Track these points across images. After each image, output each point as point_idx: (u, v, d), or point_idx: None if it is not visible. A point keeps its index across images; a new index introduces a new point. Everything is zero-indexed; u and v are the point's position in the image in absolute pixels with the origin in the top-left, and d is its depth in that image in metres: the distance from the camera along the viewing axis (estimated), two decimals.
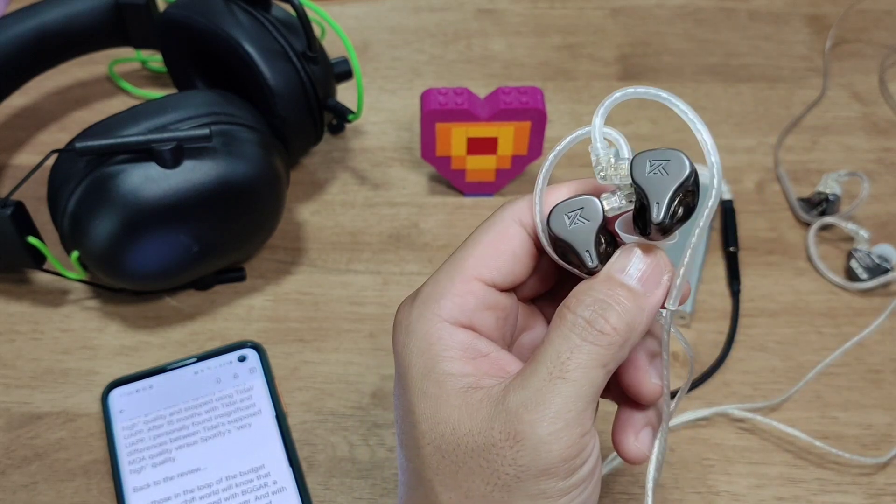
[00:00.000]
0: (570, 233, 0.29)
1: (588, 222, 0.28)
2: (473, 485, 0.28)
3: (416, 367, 0.29)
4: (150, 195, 0.44)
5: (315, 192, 0.58)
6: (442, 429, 0.28)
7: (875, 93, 0.65)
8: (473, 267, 0.30)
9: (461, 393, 0.28)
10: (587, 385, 0.27)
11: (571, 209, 0.29)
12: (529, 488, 0.27)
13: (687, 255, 0.28)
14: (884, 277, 0.51)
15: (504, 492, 0.27)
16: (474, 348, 0.29)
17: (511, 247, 0.30)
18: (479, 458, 0.28)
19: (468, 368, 0.29)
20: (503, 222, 0.30)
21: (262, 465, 0.44)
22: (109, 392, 0.47)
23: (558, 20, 0.71)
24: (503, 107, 0.52)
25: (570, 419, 0.27)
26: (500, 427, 0.27)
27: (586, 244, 0.28)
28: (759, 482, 0.44)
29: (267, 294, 0.52)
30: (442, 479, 0.29)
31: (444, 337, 0.29)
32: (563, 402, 0.27)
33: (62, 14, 0.57)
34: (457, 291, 0.30)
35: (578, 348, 0.27)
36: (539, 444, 0.27)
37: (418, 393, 0.29)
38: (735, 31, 0.70)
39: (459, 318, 0.30)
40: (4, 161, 0.60)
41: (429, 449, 0.29)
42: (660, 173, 0.27)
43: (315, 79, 0.51)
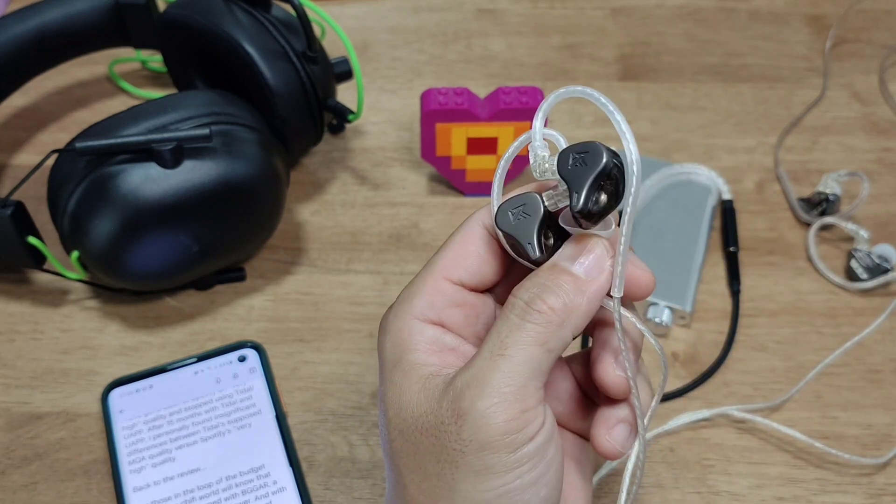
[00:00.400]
0: (514, 227, 0.30)
1: (529, 217, 0.30)
2: (429, 464, 0.30)
3: (388, 361, 0.32)
4: (150, 195, 0.44)
5: (315, 192, 0.58)
6: (405, 413, 0.30)
7: (875, 93, 0.65)
8: (442, 268, 0.32)
9: (422, 379, 0.30)
10: (525, 361, 0.29)
11: (515, 206, 0.30)
12: (474, 463, 0.29)
13: (621, 241, 0.30)
14: (884, 277, 0.51)
15: (453, 468, 0.29)
16: (441, 342, 0.32)
17: (476, 248, 0.32)
18: (431, 437, 0.29)
19: (433, 359, 0.31)
20: (469, 226, 0.33)
21: (262, 465, 0.44)
22: (109, 392, 0.47)
23: (558, 20, 0.71)
24: (503, 107, 0.52)
25: (507, 394, 0.28)
26: (447, 405, 0.29)
27: (528, 237, 0.30)
28: (759, 482, 0.44)
29: (267, 294, 0.52)
30: (406, 462, 0.30)
31: (413, 332, 0.31)
32: (501, 378, 0.28)
33: (62, 14, 0.57)
34: (427, 291, 0.32)
35: (517, 327, 0.29)
36: (479, 418, 0.28)
37: (388, 383, 0.31)
38: (735, 31, 0.70)
39: (429, 315, 0.32)
40: (4, 161, 0.60)
41: (395, 433, 0.31)
42: (580, 164, 0.29)
43: (315, 79, 0.51)
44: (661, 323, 0.49)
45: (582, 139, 0.31)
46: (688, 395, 0.48)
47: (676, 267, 0.51)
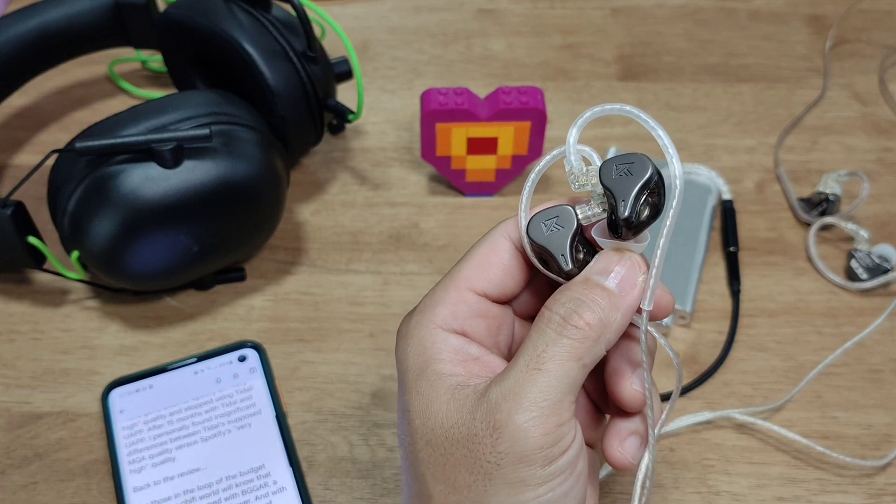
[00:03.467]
0: (547, 239, 0.31)
1: (563, 229, 0.30)
2: (459, 475, 0.29)
3: (412, 369, 0.31)
4: (150, 195, 0.44)
5: (315, 192, 0.58)
6: (432, 423, 0.30)
7: (875, 93, 0.65)
8: (466, 278, 0.32)
9: (450, 390, 0.30)
10: (562, 376, 0.29)
11: (548, 217, 0.31)
12: (509, 476, 0.29)
13: (657, 255, 0.30)
14: (884, 277, 0.51)
15: (486, 480, 0.29)
16: (465, 352, 0.32)
17: (500, 259, 0.32)
18: (463, 449, 0.29)
19: (458, 369, 0.31)
20: (494, 237, 0.33)
21: (262, 465, 0.44)
22: (109, 392, 0.47)
23: (558, 20, 0.71)
24: (503, 107, 0.52)
25: (545, 408, 0.28)
26: (481, 417, 0.29)
27: (561, 248, 0.30)
28: (760, 482, 0.44)
29: (267, 294, 0.52)
30: (433, 472, 0.30)
31: (437, 341, 0.31)
32: (538, 392, 0.29)
33: (62, 14, 0.57)
34: (450, 300, 0.32)
35: (554, 342, 0.29)
36: (516, 432, 0.28)
37: (413, 392, 0.31)
38: (735, 31, 0.70)
39: (452, 325, 0.32)
40: (4, 161, 0.60)
41: (421, 443, 0.31)
42: (625, 175, 0.29)
43: (315, 79, 0.51)
44: (662, 323, 0.49)
45: (582, 139, 0.32)
46: (688, 395, 0.48)
47: (677, 267, 0.51)
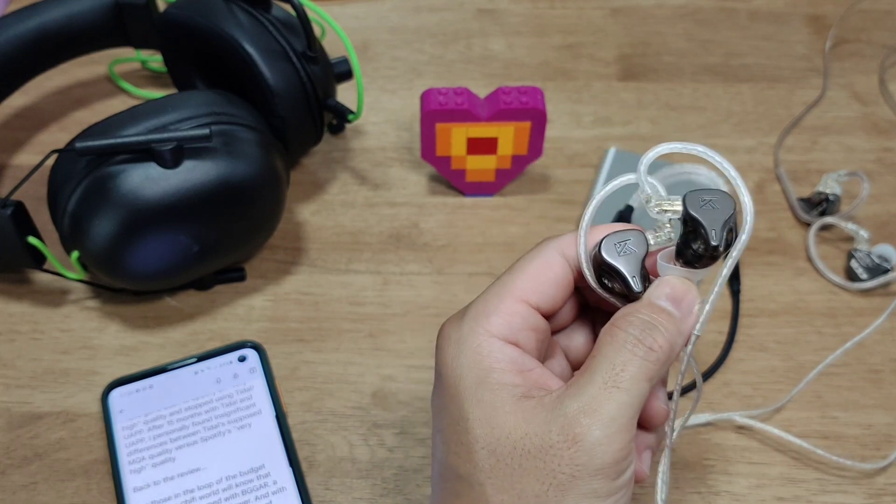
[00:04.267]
0: (619, 260, 0.31)
1: (636, 251, 0.32)
2: (528, 485, 0.30)
3: (469, 378, 0.31)
4: (150, 195, 0.44)
5: (315, 192, 0.58)
6: (497, 433, 0.30)
7: (875, 93, 0.65)
8: (521, 290, 0.33)
9: (515, 400, 0.31)
10: (637, 395, 0.30)
11: (620, 239, 0.32)
12: (583, 487, 0.29)
13: (718, 285, 0.32)
14: (884, 277, 0.51)
15: (559, 491, 0.30)
16: (521, 363, 0.32)
17: (554, 275, 0.33)
18: (535, 460, 0.30)
19: (518, 380, 0.31)
20: (548, 253, 0.33)
21: (262, 465, 0.44)
22: (109, 392, 0.47)
23: (558, 20, 0.71)
24: (503, 107, 0.52)
25: (622, 424, 0.30)
26: (558, 430, 0.30)
27: (633, 271, 0.31)
28: (760, 482, 0.44)
29: (267, 294, 0.52)
30: (495, 482, 0.30)
31: (494, 350, 0.32)
32: (617, 409, 0.30)
33: (62, 14, 0.57)
34: (505, 310, 0.32)
35: (630, 362, 0.30)
36: (595, 446, 0.29)
37: (472, 400, 0.31)
38: (735, 31, 0.70)
39: (507, 335, 0.32)
40: (4, 161, 0.60)
41: (483, 453, 0.31)
42: (711, 207, 0.30)
43: (315, 79, 0.51)
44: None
45: (582, 139, 0.32)
46: (688, 395, 0.47)
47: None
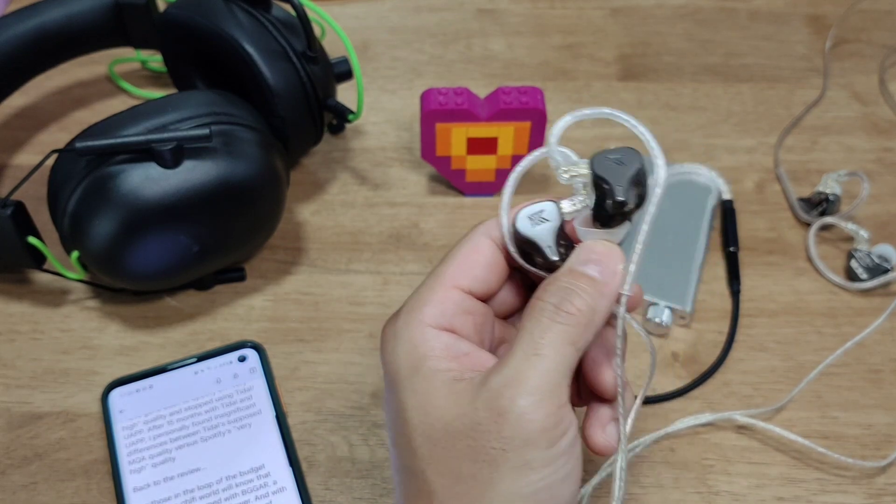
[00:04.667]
0: (533, 231, 0.32)
1: (548, 222, 0.32)
2: (464, 466, 0.30)
3: (404, 368, 0.32)
4: (150, 195, 0.44)
5: (315, 192, 0.58)
6: (431, 419, 0.31)
7: (875, 93, 0.65)
8: (451, 277, 0.33)
9: (447, 384, 0.31)
10: (560, 360, 0.30)
11: (533, 212, 0.32)
12: (514, 460, 0.29)
13: (639, 242, 0.31)
14: (884, 277, 0.51)
15: (492, 468, 0.30)
16: (456, 348, 0.32)
17: (483, 258, 0.34)
18: (466, 439, 0.30)
19: (453, 364, 0.32)
20: (475, 237, 0.34)
21: (262, 465, 0.44)
22: (109, 392, 0.47)
23: (558, 20, 0.71)
24: (503, 107, 0.52)
25: (546, 391, 0.30)
26: (483, 406, 0.30)
27: (547, 241, 0.32)
28: (760, 482, 0.44)
29: (267, 294, 0.52)
30: (434, 467, 0.31)
31: (428, 339, 0.32)
32: (539, 376, 0.30)
33: (62, 14, 0.57)
34: (437, 299, 0.33)
35: (549, 328, 0.30)
36: (521, 416, 0.29)
37: (408, 391, 0.32)
38: (735, 31, 0.70)
39: (441, 322, 0.33)
40: (4, 161, 0.60)
41: (420, 440, 0.31)
42: (617, 164, 0.31)
43: (315, 79, 0.51)
44: (661, 323, 0.49)
45: (582, 139, 0.32)
46: (688, 395, 0.48)
47: (676, 267, 0.51)
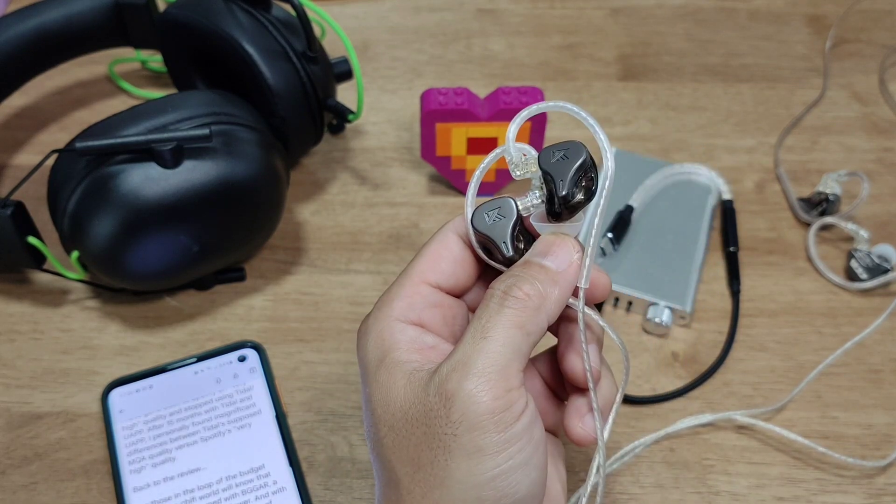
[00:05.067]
0: (489, 228, 0.33)
1: (504, 218, 0.33)
2: (422, 454, 0.30)
3: (372, 362, 0.33)
4: (150, 195, 0.44)
5: (315, 192, 0.58)
6: (393, 408, 0.31)
7: (875, 93, 0.65)
8: (419, 272, 0.34)
9: (406, 374, 0.32)
10: (506, 342, 0.30)
11: (490, 208, 0.33)
12: (466, 445, 0.29)
13: (592, 234, 0.32)
14: (884, 277, 0.51)
15: (446, 454, 0.30)
16: (421, 341, 0.33)
17: (450, 253, 0.34)
18: (422, 427, 0.30)
19: (416, 356, 0.32)
20: (443, 233, 0.35)
21: (262, 465, 0.44)
22: (109, 392, 0.47)
23: (558, 20, 0.71)
24: (503, 107, 0.52)
25: (492, 373, 0.30)
26: (434, 391, 0.30)
27: (503, 237, 0.33)
28: (760, 482, 0.44)
29: (267, 294, 0.52)
30: (398, 456, 0.31)
31: (395, 332, 0.33)
32: (485, 359, 0.30)
33: (62, 14, 0.57)
34: (406, 294, 0.34)
35: (497, 312, 0.31)
36: (466, 399, 0.29)
37: (374, 383, 0.32)
38: (735, 31, 0.70)
39: (409, 316, 0.33)
40: (4, 161, 0.60)
41: (384, 430, 0.32)
42: (562, 159, 0.32)
43: (315, 79, 0.51)
44: (661, 323, 0.49)
45: (582, 139, 0.33)
46: (688, 395, 0.48)
47: (676, 267, 0.51)
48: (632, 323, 0.51)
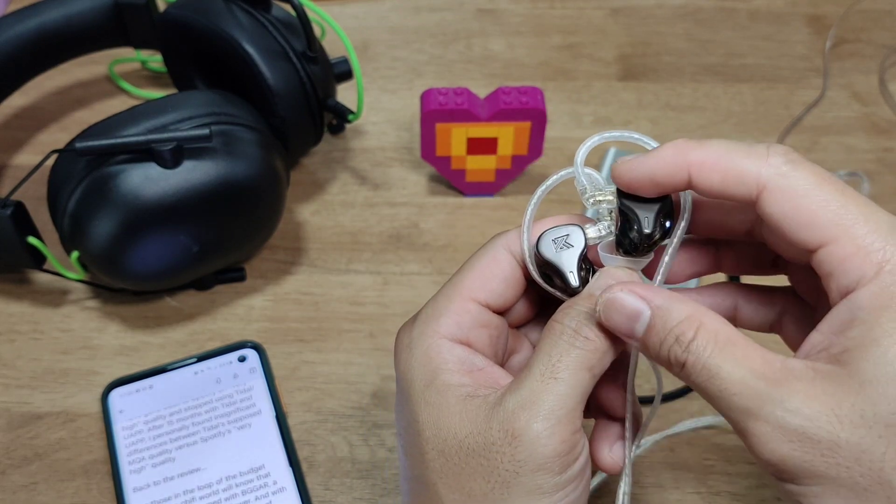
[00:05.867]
0: (557, 256, 0.32)
1: (573, 247, 0.32)
2: (475, 484, 0.30)
3: (419, 380, 0.32)
4: (150, 195, 0.44)
5: (315, 192, 0.58)
6: (444, 434, 0.31)
7: (875, 93, 0.65)
8: (469, 289, 0.33)
9: (460, 400, 0.31)
10: (576, 385, 0.30)
11: (558, 235, 0.32)
12: (526, 483, 0.29)
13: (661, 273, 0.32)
14: None
15: (503, 488, 0.29)
16: (471, 362, 0.32)
17: (502, 271, 0.33)
18: (479, 458, 0.30)
19: (466, 379, 0.31)
20: (495, 250, 0.33)
21: (262, 465, 0.44)
22: (109, 392, 0.47)
23: (558, 20, 0.71)
24: (503, 107, 0.52)
25: (561, 416, 0.29)
26: (498, 427, 0.29)
27: (570, 266, 0.32)
28: (760, 482, 0.44)
29: (267, 294, 0.52)
30: (445, 482, 0.31)
31: (443, 352, 0.32)
32: (555, 400, 0.29)
33: (62, 14, 0.57)
34: (454, 310, 0.32)
35: (567, 353, 0.30)
36: (535, 440, 0.29)
37: (421, 403, 0.31)
38: (735, 31, 0.70)
39: (457, 335, 0.32)
40: (4, 161, 0.60)
41: (432, 454, 0.31)
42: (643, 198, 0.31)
43: (315, 79, 0.51)
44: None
45: (582, 139, 0.33)
46: (688, 395, 0.47)
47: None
48: None
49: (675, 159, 0.29)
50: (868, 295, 0.26)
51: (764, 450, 0.27)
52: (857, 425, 0.25)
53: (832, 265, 0.27)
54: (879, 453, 0.25)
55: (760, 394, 0.27)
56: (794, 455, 0.26)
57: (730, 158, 0.28)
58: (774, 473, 0.27)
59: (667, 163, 0.29)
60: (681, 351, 0.28)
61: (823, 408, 0.26)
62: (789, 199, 0.28)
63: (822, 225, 0.27)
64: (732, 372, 0.27)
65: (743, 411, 0.27)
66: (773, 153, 0.28)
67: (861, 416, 0.25)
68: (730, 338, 0.28)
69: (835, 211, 0.27)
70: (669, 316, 0.29)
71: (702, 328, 0.28)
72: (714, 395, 0.28)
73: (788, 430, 0.26)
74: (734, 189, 0.28)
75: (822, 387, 0.26)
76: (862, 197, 0.28)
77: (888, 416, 0.25)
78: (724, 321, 0.28)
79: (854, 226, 0.27)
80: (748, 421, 0.27)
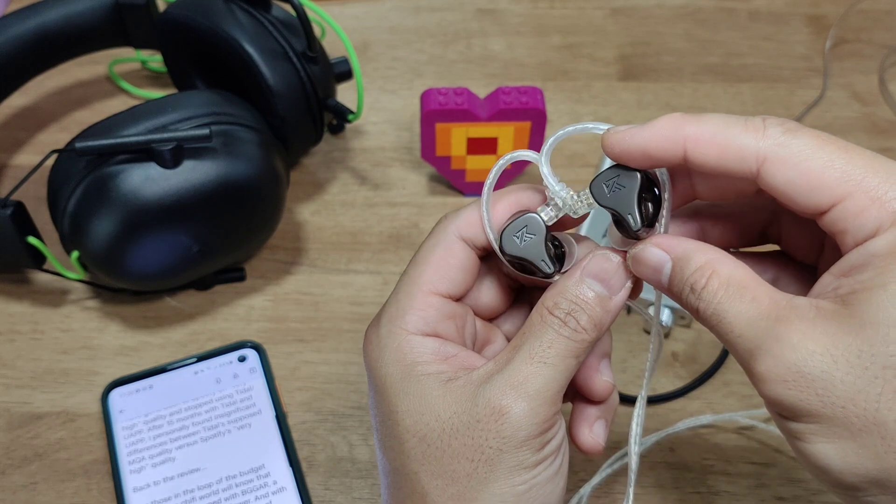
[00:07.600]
0: (523, 250, 0.32)
1: (535, 236, 0.32)
2: (459, 465, 0.30)
3: (394, 374, 0.32)
4: (150, 195, 0.44)
5: (315, 192, 0.58)
6: (426, 418, 0.31)
7: (875, 93, 0.65)
8: (429, 283, 0.33)
9: (442, 384, 0.31)
10: (563, 371, 0.31)
11: (517, 229, 0.32)
12: (509, 460, 0.30)
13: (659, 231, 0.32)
14: None
15: (487, 466, 0.30)
16: (444, 352, 0.32)
17: (459, 262, 0.33)
18: (464, 437, 0.30)
19: (444, 367, 0.32)
20: (447, 239, 0.34)
21: (262, 465, 0.44)
22: (109, 392, 0.47)
23: (558, 20, 0.71)
24: (503, 107, 0.52)
25: (547, 398, 0.30)
26: (485, 403, 0.30)
27: (539, 255, 0.32)
28: (760, 482, 0.44)
29: (267, 294, 0.52)
30: (428, 468, 0.31)
31: (415, 346, 0.32)
32: (542, 382, 0.30)
33: (62, 14, 0.57)
34: (418, 306, 0.33)
35: (557, 341, 0.31)
36: (521, 418, 0.30)
37: (399, 394, 0.32)
38: (735, 31, 0.70)
39: (425, 329, 0.33)
40: (4, 161, 0.60)
41: (413, 441, 0.31)
42: (617, 189, 0.31)
43: (315, 79, 0.51)
44: (662, 323, 0.49)
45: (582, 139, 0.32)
46: (688, 395, 0.48)
47: None
48: (632, 323, 0.51)
49: (671, 133, 0.29)
50: (884, 242, 0.26)
51: (764, 387, 0.27)
52: (853, 365, 0.26)
53: (846, 221, 0.27)
54: (874, 394, 0.25)
55: (763, 332, 0.27)
56: (789, 392, 0.26)
57: (727, 134, 0.28)
58: (776, 412, 0.28)
59: (662, 136, 0.29)
60: (694, 298, 0.29)
61: (818, 346, 0.26)
62: (793, 167, 0.27)
63: (830, 185, 0.27)
64: (739, 314, 0.28)
65: (747, 352, 0.28)
66: (770, 124, 0.28)
67: (858, 357, 0.26)
68: (741, 282, 0.28)
69: (841, 168, 0.27)
70: (687, 265, 0.29)
71: (714, 275, 0.28)
72: (724, 339, 0.29)
73: (785, 367, 0.26)
74: (733, 165, 0.28)
75: (823, 326, 0.26)
76: (865, 150, 0.28)
77: (886, 357, 0.25)
78: (741, 265, 0.29)
79: (864, 179, 0.27)
80: (751, 361, 0.27)
